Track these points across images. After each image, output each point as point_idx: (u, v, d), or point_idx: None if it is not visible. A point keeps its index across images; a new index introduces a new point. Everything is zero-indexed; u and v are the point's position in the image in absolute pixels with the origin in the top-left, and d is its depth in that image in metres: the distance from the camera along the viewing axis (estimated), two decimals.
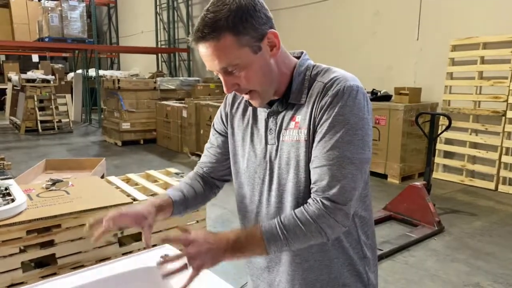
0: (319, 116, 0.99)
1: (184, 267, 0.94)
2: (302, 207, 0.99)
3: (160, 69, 13.37)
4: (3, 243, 2.34)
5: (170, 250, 1.36)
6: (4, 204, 2.42)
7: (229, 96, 1.23)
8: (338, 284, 1.10)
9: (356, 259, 1.11)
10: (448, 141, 5.84)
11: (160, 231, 3.14)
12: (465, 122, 5.60)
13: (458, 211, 4.44)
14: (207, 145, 1.30)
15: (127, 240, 3.00)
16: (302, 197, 1.04)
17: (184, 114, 7.44)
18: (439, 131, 4.93)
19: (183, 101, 8.10)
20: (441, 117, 5.51)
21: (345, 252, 1.09)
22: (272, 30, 0.99)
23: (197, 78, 10.31)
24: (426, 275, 3.04)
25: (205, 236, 0.97)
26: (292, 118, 1.04)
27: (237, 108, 1.20)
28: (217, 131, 1.26)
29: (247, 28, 0.94)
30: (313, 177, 0.99)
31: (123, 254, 2.86)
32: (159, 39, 13.62)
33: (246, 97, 1.05)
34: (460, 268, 3.15)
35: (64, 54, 16.34)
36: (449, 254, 3.40)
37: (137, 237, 3.05)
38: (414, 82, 6.38)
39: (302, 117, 1.02)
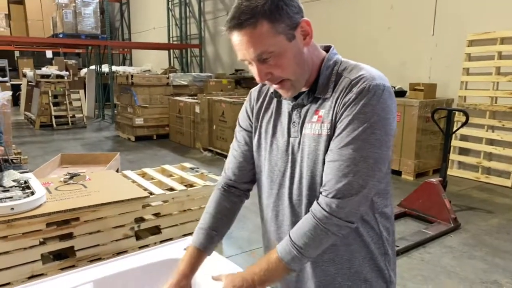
0: (341, 111, 0.98)
1: None
2: (310, 211, 1.02)
3: (172, 65, 13.41)
4: (24, 235, 2.38)
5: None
6: (24, 197, 2.45)
7: (254, 92, 1.23)
8: (359, 278, 1.10)
9: (378, 255, 1.11)
10: (464, 138, 5.77)
11: (176, 225, 3.16)
12: (482, 118, 5.51)
13: (474, 208, 4.39)
14: (233, 148, 1.26)
15: (144, 234, 3.03)
16: (315, 191, 1.04)
17: (197, 109, 7.45)
18: (455, 127, 4.86)
19: (195, 97, 8.13)
20: (457, 113, 5.44)
21: (366, 247, 1.08)
22: (305, 19, 1.00)
23: (209, 74, 10.32)
24: (443, 272, 3.01)
25: (233, 283, 1.02)
26: (315, 112, 1.04)
27: (262, 102, 1.19)
28: (243, 128, 1.25)
29: (282, 15, 0.95)
30: (325, 171, 1.00)
31: (140, 247, 2.89)
32: (171, 35, 13.66)
33: (276, 87, 1.04)
34: (477, 265, 3.11)
35: (77, 50, 16.51)
36: (465, 251, 3.36)
37: (153, 231, 3.07)
38: (429, 78, 6.31)
39: (326, 111, 1.02)
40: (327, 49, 1.10)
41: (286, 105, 1.11)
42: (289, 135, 1.09)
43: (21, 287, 1.09)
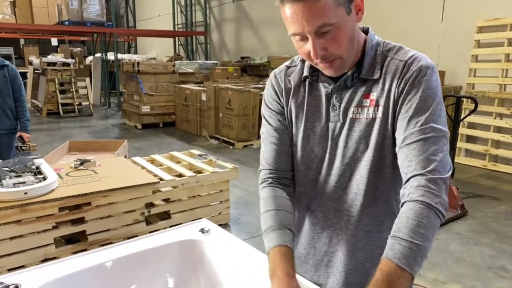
0: (406, 89, 0.95)
1: None
2: (406, 203, 0.90)
3: (177, 52, 13.37)
4: (37, 219, 2.42)
5: (207, 223, 1.39)
6: (37, 182, 2.49)
7: (279, 74, 1.15)
8: None
9: None
10: (471, 125, 5.74)
11: (188, 210, 3.20)
12: (490, 105, 5.48)
13: (481, 195, 4.39)
14: (268, 136, 1.14)
15: (154, 219, 3.07)
16: (365, 177, 1.02)
17: (203, 97, 7.45)
18: (463, 115, 4.84)
19: (201, 85, 8.12)
20: (465, 100, 5.41)
21: None
22: None
23: (215, 62, 10.29)
24: (450, 258, 3.03)
25: None
26: (365, 96, 1.01)
27: (290, 84, 1.12)
28: (275, 111, 1.14)
29: None
30: (410, 153, 0.93)
31: (150, 232, 2.92)
32: (176, 23, 13.59)
33: (325, 65, 0.98)
34: (484, 251, 3.13)
35: (82, 38, 16.46)
36: (472, 237, 3.38)
37: (162, 216, 3.11)
38: (437, 65, 6.25)
39: (378, 94, 0.99)
40: (365, 30, 1.07)
41: (323, 89, 1.06)
42: (327, 120, 1.05)
43: (34, 267, 1.11)
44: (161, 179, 2.99)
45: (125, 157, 4.49)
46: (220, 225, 3.52)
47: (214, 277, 1.22)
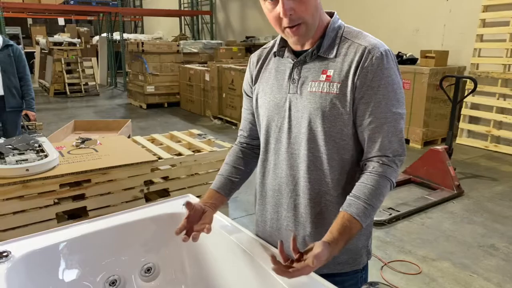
0: (369, 77, 1.05)
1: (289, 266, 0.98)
2: (369, 172, 1.08)
3: (183, 32, 13.32)
4: (39, 195, 2.52)
5: (192, 199, 1.46)
6: (38, 160, 2.58)
7: (253, 57, 1.29)
8: None
9: None
10: (474, 106, 5.72)
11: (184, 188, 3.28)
12: (493, 86, 5.44)
13: (479, 176, 4.42)
14: (243, 109, 1.36)
15: (153, 196, 3.16)
16: (317, 146, 1.11)
17: (207, 77, 7.48)
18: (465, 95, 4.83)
19: (205, 65, 8.13)
20: (468, 81, 5.38)
21: None
22: None
23: (219, 41, 10.26)
24: (442, 236, 3.10)
25: (321, 253, 0.95)
26: (322, 71, 1.10)
27: (261, 64, 1.25)
28: (247, 94, 1.32)
29: None
30: (372, 136, 1.08)
31: None
32: (182, 2, 13.49)
33: (291, 30, 1.07)
34: (476, 230, 3.19)
35: (89, 18, 16.45)
36: (466, 216, 3.43)
37: (162, 194, 3.20)
38: (442, 45, 6.19)
39: (335, 71, 1.08)
40: (330, 15, 1.16)
41: (287, 63, 1.16)
42: (287, 91, 1.15)
43: (24, 237, 1.19)
44: (159, 158, 3.06)
45: (129, 136, 4.58)
46: None
47: (196, 249, 1.30)
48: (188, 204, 1.17)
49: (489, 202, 3.72)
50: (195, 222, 1.19)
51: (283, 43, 1.18)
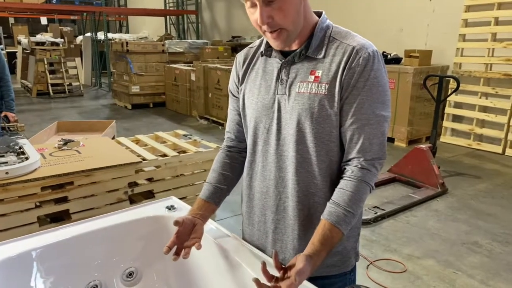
0: (355, 77, 1.04)
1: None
2: (344, 178, 1.07)
3: (168, 31, 13.23)
4: (20, 198, 2.47)
5: (176, 201, 1.44)
6: (19, 162, 2.52)
7: (239, 56, 1.27)
8: None
9: None
10: (457, 105, 5.79)
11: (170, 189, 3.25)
12: (476, 85, 5.52)
13: (463, 174, 4.48)
14: (230, 110, 1.33)
15: (138, 198, 3.12)
16: (305, 148, 1.09)
17: (193, 77, 7.44)
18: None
19: (191, 65, 8.08)
20: (451, 80, 5.45)
21: None
22: None
23: (205, 41, 10.22)
24: (427, 234, 3.13)
25: (304, 269, 0.94)
26: (311, 72, 1.08)
27: (248, 64, 1.22)
28: (233, 94, 1.29)
29: None
30: (352, 137, 1.06)
31: None
32: (167, 1, 13.40)
33: (272, 36, 1.06)
34: (460, 228, 3.23)
35: (72, 17, 16.20)
36: (450, 214, 3.47)
37: (147, 195, 3.17)
38: (425, 44, 6.26)
39: (324, 72, 1.06)
40: (318, 14, 1.14)
41: (275, 64, 1.14)
42: (275, 92, 1.13)
43: (2, 242, 1.16)
44: (144, 159, 3.03)
45: (113, 137, 4.52)
46: None
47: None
48: (177, 222, 1.13)
49: (473, 200, 3.77)
50: (185, 238, 1.15)
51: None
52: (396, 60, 5.91)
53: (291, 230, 1.16)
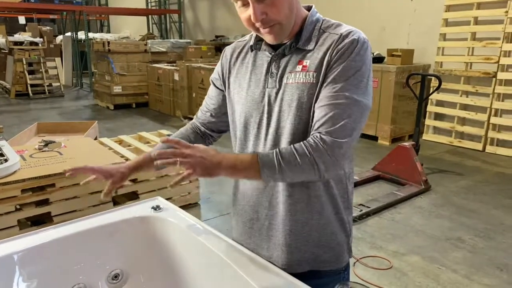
0: (334, 59, 1.02)
1: (174, 162, 0.96)
2: (302, 142, 1.02)
3: (151, 31, 13.10)
4: None
5: (161, 201, 1.41)
6: None
7: (228, 49, 1.26)
8: (326, 230, 1.16)
9: (342, 209, 1.17)
10: (439, 103, 5.89)
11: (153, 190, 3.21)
12: (456, 84, 5.62)
13: (445, 171, 4.55)
14: (207, 98, 1.33)
15: (122, 199, 3.07)
16: (298, 139, 1.07)
17: (176, 77, 7.37)
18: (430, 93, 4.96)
19: (174, 64, 8.01)
20: (433, 78, 5.53)
21: (334, 199, 1.14)
22: None
23: (188, 40, 10.14)
24: (411, 230, 3.16)
25: (203, 148, 1.00)
26: (299, 62, 1.07)
27: (237, 58, 1.21)
28: (214, 84, 1.29)
29: None
30: (318, 114, 1.02)
31: None
32: (149, 1, 13.26)
33: (266, 31, 1.05)
34: (444, 224, 3.27)
35: (51, 16, 15.90)
36: (434, 211, 3.52)
37: (131, 196, 3.12)
38: (407, 43, 6.34)
39: (311, 61, 1.06)
40: (308, 8, 1.14)
41: (265, 57, 1.13)
42: (265, 86, 1.12)
43: None
44: (127, 159, 2.98)
45: (96, 138, 4.44)
46: (189, 204, 3.56)
47: (167, 254, 1.26)
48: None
49: (455, 196, 3.83)
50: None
51: (260, 37, 1.14)
52: (379, 59, 5.97)
53: (283, 226, 1.15)
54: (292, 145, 1.02)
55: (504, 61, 5.18)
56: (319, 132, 1.00)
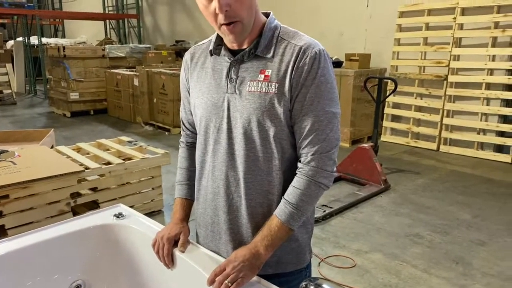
0: (302, 78, 1.06)
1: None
2: (296, 175, 1.11)
3: (108, 36, 12.78)
4: None
5: (124, 208, 1.38)
6: None
7: (187, 55, 1.26)
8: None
9: None
10: (396, 105, 6.11)
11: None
12: (411, 86, 5.86)
13: (403, 170, 4.72)
14: (183, 105, 1.33)
15: (82, 209, 2.97)
16: (257, 145, 1.10)
17: (136, 82, 7.23)
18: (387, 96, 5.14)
19: (134, 69, 7.85)
20: (389, 82, 5.73)
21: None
22: None
23: (148, 45, 9.98)
24: (373, 229, 3.25)
25: (236, 255, 1.06)
26: (260, 71, 1.09)
27: (196, 62, 1.22)
28: (184, 85, 1.29)
29: None
30: (301, 133, 1.09)
31: None
32: (106, 5, 12.95)
33: (227, 28, 1.05)
34: (403, 221, 3.39)
35: (1, 21, 15.17)
36: (393, 209, 3.64)
37: (91, 206, 3.02)
38: (364, 48, 6.55)
39: (274, 72, 1.08)
40: (266, 15, 1.16)
41: (224, 63, 1.14)
42: (225, 91, 1.13)
43: None
44: (86, 168, 2.89)
45: (52, 147, 4.27)
46: (153, 211, 3.50)
47: (131, 262, 1.23)
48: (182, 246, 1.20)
49: (413, 195, 3.98)
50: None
51: (219, 41, 1.15)
52: (338, 64, 6.12)
53: (245, 229, 1.16)
54: (292, 186, 1.10)
55: (453, 65, 5.46)
56: (307, 152, 1.09)
